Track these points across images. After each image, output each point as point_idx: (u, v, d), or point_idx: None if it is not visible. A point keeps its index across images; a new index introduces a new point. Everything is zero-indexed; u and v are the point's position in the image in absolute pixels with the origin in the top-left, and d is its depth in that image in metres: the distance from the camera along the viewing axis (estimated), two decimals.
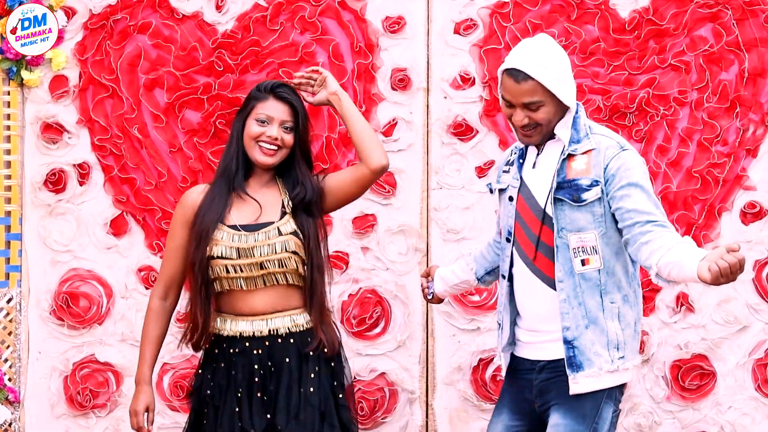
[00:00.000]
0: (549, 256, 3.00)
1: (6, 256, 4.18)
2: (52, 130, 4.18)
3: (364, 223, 4.17)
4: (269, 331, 3.15)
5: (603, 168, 2.95)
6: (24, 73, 4.13)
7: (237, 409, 3.11)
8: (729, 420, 4.13)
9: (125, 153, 4.18)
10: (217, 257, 3.14)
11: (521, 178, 3.08)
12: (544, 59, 2.96)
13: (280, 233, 3.15)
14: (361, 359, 4.16)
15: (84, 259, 4.19)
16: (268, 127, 3.19)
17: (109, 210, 4.20)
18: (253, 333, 3.15)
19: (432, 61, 4.17)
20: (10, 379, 4.15)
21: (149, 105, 4.18)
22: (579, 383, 2.97)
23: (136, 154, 4.19)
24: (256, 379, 3.13)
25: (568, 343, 2.98)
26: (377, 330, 4.17)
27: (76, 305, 4.17)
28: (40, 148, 4.18)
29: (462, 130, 4.15)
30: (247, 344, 3.16)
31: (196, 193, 3.26)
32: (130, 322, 4.18)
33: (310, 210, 3.21)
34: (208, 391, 3.18)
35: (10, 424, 4.15)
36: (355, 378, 4.07)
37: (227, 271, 3.14)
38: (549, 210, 2.98)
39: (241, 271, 3.14)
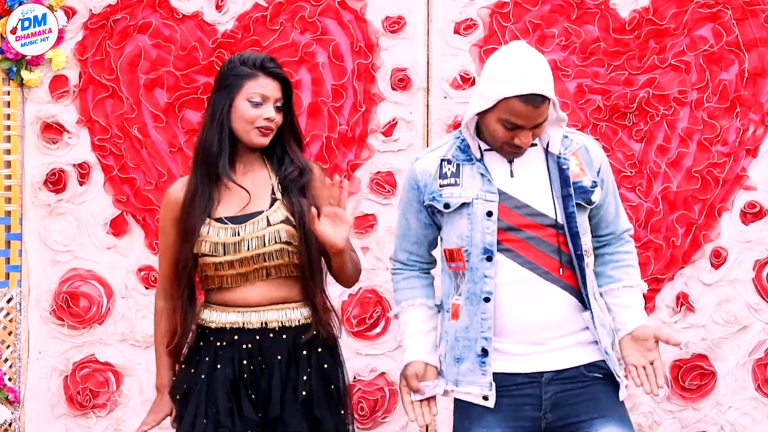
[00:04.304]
0: (569, 265, 2.78)
1: (6, 256, 4.18)
2: (52, 130, 4.18)
3: (364, 223, 4.16)
4: (261, 323, 2.88)
5: (597, 169, 2.83)
6: (24, 73, 4.13)
7: (221, 407, 2.83)
8: (729, 420, 4.13)
9: (125, 153, 4.18)
10: (203, 254, 2.88)
11: (498, 190, 2.78)
12: (548, 73, 2.70)
13: (269, 223, 2.88)
14: (361, 359, 4.15)
15: (84, 259, 4.18)
16: (264, 108, 2.90)
17: (109, 210, 4.20)
18: (243, 324, 2.88)
19: (432, 61, 4.17)
20: (10, 379, 4.15)
21: (149, 105, 4.18)
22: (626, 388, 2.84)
23: (136, 154, 4.19)
24: (245, 375, 2.87)
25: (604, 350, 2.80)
26: (377, 330, 4.17)
27: (76, 305, 4.16)
28: (40, 148, 4.18)
29: None
30: (235, 337, 2.88)
31: (180, 186, 2.97)
32: (130, 322, 4.18)
33: (303, 190, 2.94)
34: (185, 386, 2.91)
35: (10, 424, 4.14)
36: (355, 378, 4.07)
37: (215, 269, 2.88)
38: (561, 217, 2.77)
39: (229, 268, 2.88)
